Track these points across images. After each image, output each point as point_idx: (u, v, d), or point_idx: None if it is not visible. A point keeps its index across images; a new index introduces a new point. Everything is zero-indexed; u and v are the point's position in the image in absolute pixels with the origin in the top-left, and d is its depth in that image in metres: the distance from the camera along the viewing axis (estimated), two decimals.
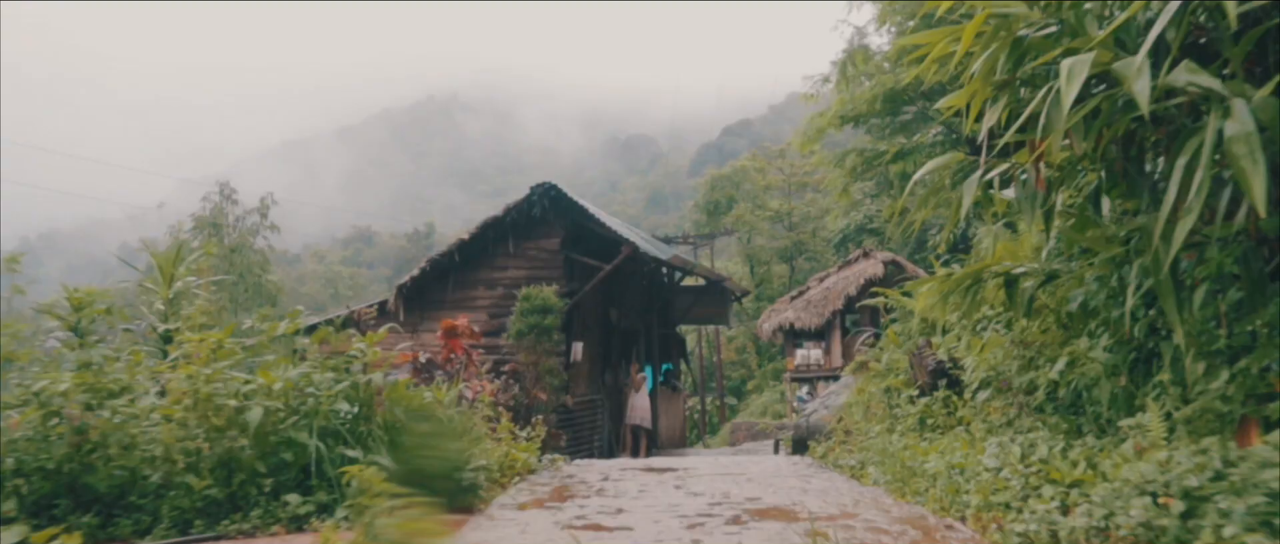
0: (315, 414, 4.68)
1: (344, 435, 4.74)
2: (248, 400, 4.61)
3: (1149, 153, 5.38)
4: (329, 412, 4.76)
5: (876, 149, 14.47)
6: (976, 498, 4.27)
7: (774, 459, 7.97)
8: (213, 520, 4.26)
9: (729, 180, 47.42)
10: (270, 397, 4.64)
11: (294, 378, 4.78)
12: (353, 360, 5.27)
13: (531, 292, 14.25)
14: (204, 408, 4.53)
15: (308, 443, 4.55)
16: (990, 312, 8.16)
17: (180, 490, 4.26)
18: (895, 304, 10.89)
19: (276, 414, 4.65)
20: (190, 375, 4.57)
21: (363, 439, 4.93)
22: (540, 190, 15.83)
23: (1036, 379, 5.85)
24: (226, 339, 4.96)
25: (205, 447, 4.44)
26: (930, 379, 7.50)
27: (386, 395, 5.22)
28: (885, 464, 5.81)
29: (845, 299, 27.74)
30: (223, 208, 24.29)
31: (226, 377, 4.66)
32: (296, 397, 4.75)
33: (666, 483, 5.92)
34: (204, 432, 4.50)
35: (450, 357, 12.15)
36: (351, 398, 5.02)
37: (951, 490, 4.67)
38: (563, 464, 7.48)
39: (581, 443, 16.24)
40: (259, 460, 4.51)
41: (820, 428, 12.51)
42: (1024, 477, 4.42)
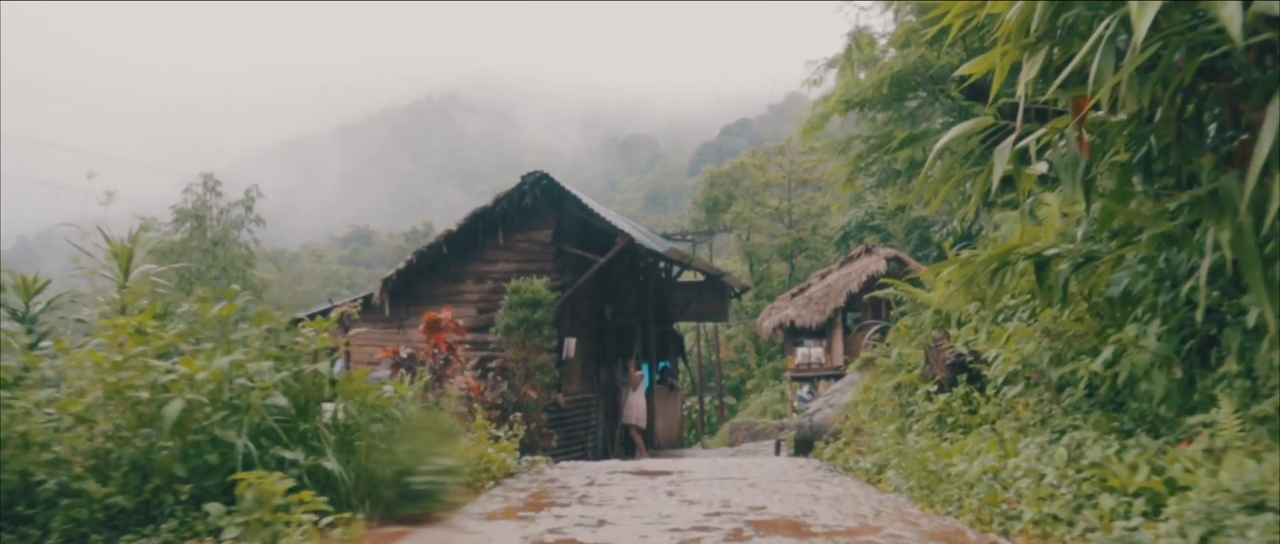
0: (247, 409, 4.01)
1: (280, 434, 4.07)
2: (166, 392, 3.94)
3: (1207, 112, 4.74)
4: (264, 407, 4.08)
5: (884, 134, 13.78)
6: (1029, 510, 3.60)
7: (777, 461, 7.29)
8: (115, 533, 3.59)
9: (728, 177, 46.77)
10: (194, 388, 3.96)
11: (224, 367, 4.11)
12: (299, 348, 4.60)
13: (520, 284, 13.57)
14: (114, 402, 3.87)
15: (236, 443, 3.88)
16: (1012, 300, 7.53)
17: (78, 499, 3.59)
18: (905, 296, 10.24)
19: (201, 409, 3.98)
20: (97, 363, 3.90)
21: (305, 439, 4.26)
22: (531, 179, 15.15)
23: (1076, 372, 5.19)
24: (149, 322, 4.29)
25: (112, 446, 3.77)
26: (949, 374, 6.84)
27: (338, 389, 4.55)
28: (906, 468, 5.13)
29: (847, 296, 27.11)
30: (206, 200, 23.53)
31: (143, 365, 3.98)
32: (227, 389, 4.08)
33: (658, 489, 5.25)
34: (113, 429, 3.83)
35: (434, 352, 11.49)
36: (293, 391, 4.35)
37: (991, 499, 4.00)
38: (545, 466, 6.80)
39: (574, 443, 15.56)
40: (178, 463, 3.84)
41: (824, 428, 11.88)
42: (1076, 484, 3.77)
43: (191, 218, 22.92)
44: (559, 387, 14.77)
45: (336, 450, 4.26)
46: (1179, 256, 4.86)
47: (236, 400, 4.10)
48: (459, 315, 15.27)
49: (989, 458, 4.60)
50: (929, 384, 6.90)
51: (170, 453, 3.87)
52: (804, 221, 45.85)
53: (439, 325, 11.48)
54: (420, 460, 4.78)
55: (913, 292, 10.00)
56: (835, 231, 41.37)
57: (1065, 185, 4.79)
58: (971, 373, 6.84)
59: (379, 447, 4.53)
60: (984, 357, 6.89)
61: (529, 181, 15.13)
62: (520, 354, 13.21)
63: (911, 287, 10.27)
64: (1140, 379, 4.79)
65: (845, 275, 27.84)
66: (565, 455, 15.11)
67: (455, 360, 11.58)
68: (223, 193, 23.56)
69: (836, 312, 27.41)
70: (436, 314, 11.56)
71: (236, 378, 4.11)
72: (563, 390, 15.02)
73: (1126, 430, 4.74)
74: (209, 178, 23.54)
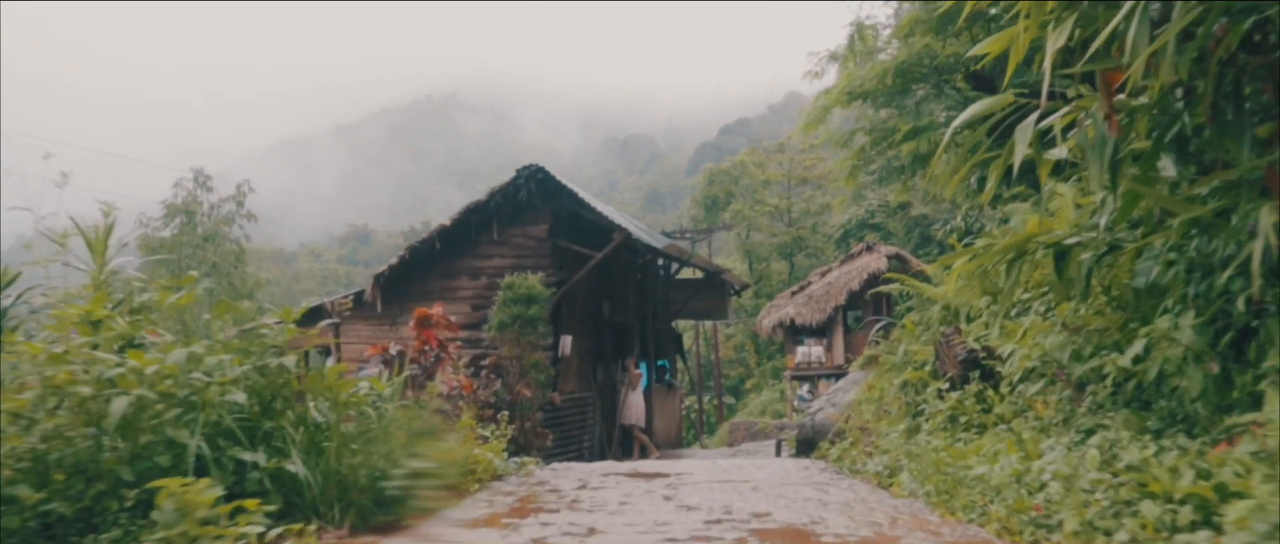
0: (202, 407, 3.66)
1: (238, 434, 3.72)
2: (115, 388, 3.59)
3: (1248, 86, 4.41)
4: (222, 404, 3.73)
5: (888, 126, 13.42)
6: (1070, 517, 3.25)
7: (780, 463, 6.93)
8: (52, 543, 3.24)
9: (727, 175, 46.43)
10: (144, 383, 3.61)
11: (179, 360, 3.76)
12: (265, 341, 4.25)
13: (515, 279, 13.20)
14: (54, 398, 3.51)
15: (188, 443, 3.52)
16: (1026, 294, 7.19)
17: (10, 506, 3.24)
18: (912, 291, 9.90)
19: (151, 406, 3.63)
20: (34, 355, 3.55)
21: (268, 439, 3.91)
22: (527, 173, 14.79)
23: (1101, 368, 4.85)
24: (100, 311, 3.94)
25: (51, 448, 3.42)
26: (961, 371, 6.49)
27: (306, 386, 4.20)
28: (921, 471, 4.78)
29: (848, 294, 26.80)
30: (196, 195, 23.09)
31: (88, 358, 3.63)
32: (182, 385, 3.72)
33: (655, 492, 4.89)
34: (53, 428, 3.48)
35: (424, 349, 11.14)
36: (256, 387, 4.00)
37: (1019, 506, 3.65)
38: (536, 468, 6.44)
39: (570, 443, 15.21)
40: (124, 466, 3.48)
41: (827, 427, 11.56)
42: (1112, 489, 3.42)
43: (181, 213, 22.48)
44: (555, 385, 14.41)
45: (303, 452, 3.91)
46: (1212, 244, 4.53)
47: (194, 397, 3.75)
48: (453, 312, 14.90)
49: (1010, 460, 4.26)
50: (940, 382, 6.55)
51: (117, 455, 3.52)
52: (804, 220, 45.51)
53: (430, 321, 11.13)
54: (398, 463, 4.43)
55: (919, 286, 9.66)
56: (835, 230, 41.04)
57: (1092, 168, 4.46)
58: (984, 370, 6.51)
59: (352, 448, 4.18)
60: (998, 353, 6.55)
61: (524, 175, 14.77)
62: (514, 352, 12.86)
63: (918, 281, 9.94)
64: (1172, 375, 4.45)
65: (846, 273, 27.52)
66: (561, 456, 14.75)
67: (447, 358, 11.23)
68: (214, 188, 23.17)
69: (837, 310, 27.08)
70: (427, 310, 11.21)
71: (192, 372, 3.75)
72: (558, 389, 14.67)
73: (1155, 430, 4.41)
74: (199, 173, 23.12)
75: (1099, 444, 3.89)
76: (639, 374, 16.98)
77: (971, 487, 4.16)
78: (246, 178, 24.77)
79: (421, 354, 11.12)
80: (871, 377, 11.34)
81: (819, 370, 27.97)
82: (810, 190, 46.57)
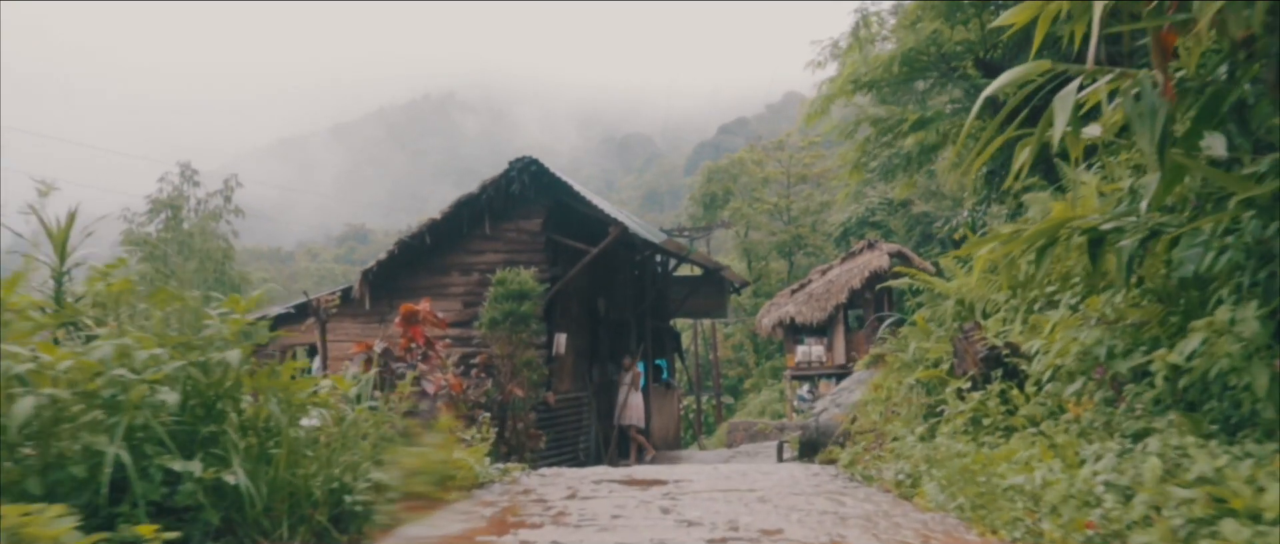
0: (125, 409, 3.16)
1: (166, 441, 3.21)
2: (26, 387, 3.09)
3: None
4: (152, 405, 3.23)
5: (894, 116, 12.94)
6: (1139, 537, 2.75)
7: (786, 469, 6.43)
8: None
9: (726, 172, 45.97)
10: (56, 382, 3.11)
11: (103, 356, 3.26)
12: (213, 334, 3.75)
13: (506, 274, 12.69)
14: None
15: (106, 451, 3.02)
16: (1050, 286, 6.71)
17: None
18: (923, 285, 9.42)
19: (66, 408, 3.13)
20: None
21: (208, 445, 3.41)
22: (519, 165, 14.28)
23: (1149, 365, 4.36)
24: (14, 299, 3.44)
25: None
26: (982, 369, 6.01)
27: (255, 384, 3.70)
28: (950, 480, 4.28)
29: (849, 293, 26.32)
30: (183, 190, 22.51)
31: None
32: (104, 383, 3.22)
33: (651, 503, 4.40)
34: None
35: (411, 346, 10.63)
36: (197, 387, 3.50)
37: (1077, 524, 3.16)
38: (521, 474, 5.94)
39: (564, 445, 14.70)
40: (32, 478, 2.99)
41: (831, 429, 11.10)
42: (1185, 504, 2.94)
43: (167, 208, 21.92)
44: (548, 385, 13.91)
45: (248, 460, 3.41)
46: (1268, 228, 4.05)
47: (120, 397, 3.25)
48: (443, 309, 14.39)
49: (1050, 468, 3.77)
50: (961, 381, 6.06)
51: (24, 466, 3.02)
52: (803, 218, 45.06)
53: (416, 318, 10.63)
54: (363, 472, 3.94)
55: (931, 281, 9.18)
56: (835, 228, 40.59)
57: (1141, 141, 3.97)
58: (1008, 368, 6.02)
59: (307, 455, 3.68)
60: (1022, 350, 6.06)
61: (517, 167, 14.27)
62: (506, 349, 12.35)
63: (929, 276, 9.46)
64: (1230, 372, 3.97)
65: (847, 271, 27.04)
66: (555, 458, 14.25)
67: (434, 356, 10.73)
68: (201, 183, 22.58)
69: (838, 308, 26.60)
70: (414, 305, 10.71)
71: (119, 369, 3.25)
72: (553, 389, 14.17)
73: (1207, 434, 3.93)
74: (186, 167, 22.55)
75: (1159, 451, 3.40)
76: (639, 373, 16.46)
77: (1010, 498, 3.67)
78: (243, 176, 24.37)
79: (408, 352, 10.62)
80: (878, 376, 10.86)
81: (819, 370, 27.49)
82: (809, 188, 46.11)
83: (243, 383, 3.66)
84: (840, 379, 26.56)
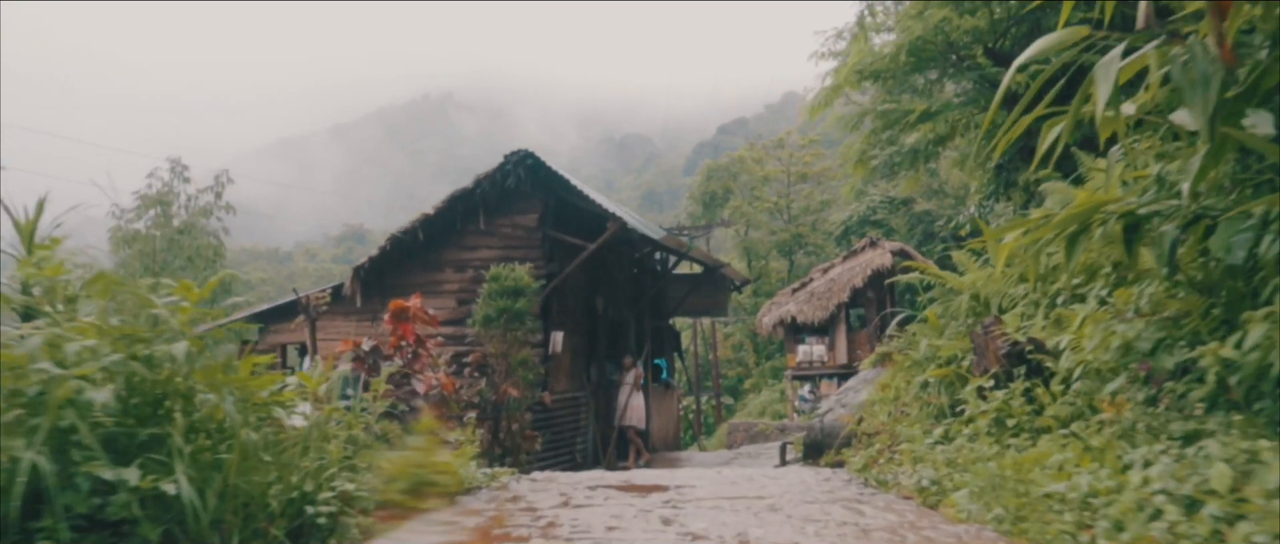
0: (47, 408, 2.76)
1: (93, 446, 2.81)
2: None
3: None
4: (80, 404, 2.83)
5: (901, 109, 12.54)
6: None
7: (795, 473, 6.03)
8: None
9: (726, 171, 45.59)
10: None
11: (33, 347, 2.87)
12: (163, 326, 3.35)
13: (501, 270, 12.29)
14: None
15: (21, 457, 2.63)
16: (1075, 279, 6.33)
17: None
18: (935, 281, 9.03)
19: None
20: None
21: (150, 449, 3.01)
22: (515, 159, 13.88)
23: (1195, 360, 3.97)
24: None
25: None
26: (1006, 365, 5.61)
27: (208, 380, 3.30)
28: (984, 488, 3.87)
29: (851, 291, 25.97)
30: (172, 186, 22.01)
31: None
32: (24, 378, 2.83)
33: (651, 513, 4.00)
34: None
35: (400, 344, 10.23)
36: (139, 384, 3.10)
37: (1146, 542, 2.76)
38: (511, 479, 5.54)
39: (561, 446, 14.31)
40: None
41: (837, 430, 10.72)
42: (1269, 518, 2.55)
43: (156, 204, 21.44)
44: (545, 385, 13.51)
45: (193, 467, 3.01)
46: None
47: (45, 395, 2.85)
48: (437, 306, 13.99)
49: (1094, 475, 3.38)
50: (983, 379, 5.66)
51: None
52: (803, 217, 44.68)
53: (406, 314, 10.22)
54: (329, 479, 3.54)
55: (943, 275, 8.79)
56: (836, 226, 40.23)
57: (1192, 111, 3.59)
58: (1032, 365, 5.63)
59: (266, 460, 3.28)
60: (1047, 346, 5.67)
61: (512, 161, 13.87)
62: (500, 348, 11.95)
63: (940, 270, 9.06)
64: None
65: (849, 270, 26.67)
66: (551, 460, 13.86)
67: (425, 354, 10.33)
68: (191, 179, 22.13)
69: (840, 307, 26.25)
70: (404, 302, 10.31)
71: (42, 363, 2.85)
72: (549, 389, 13.77)
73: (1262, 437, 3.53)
74: (176, 163, 22.08)
75: (1227, 456, 3.01)
76: (641, 373, 16.03)
77: (1054, 510, 3.28)
78: (242, 175, 23.92)
79: (397, 350, 10.22)
80: (885, 375, 10.49)
81: (821, 370, 27.14)
82: (810, 187, 45.74)
83: (195, 379, 3.26)
84: (842, 379, 26.24)
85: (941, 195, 37.03)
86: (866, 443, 9.67)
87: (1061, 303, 6.23)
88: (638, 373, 15.87)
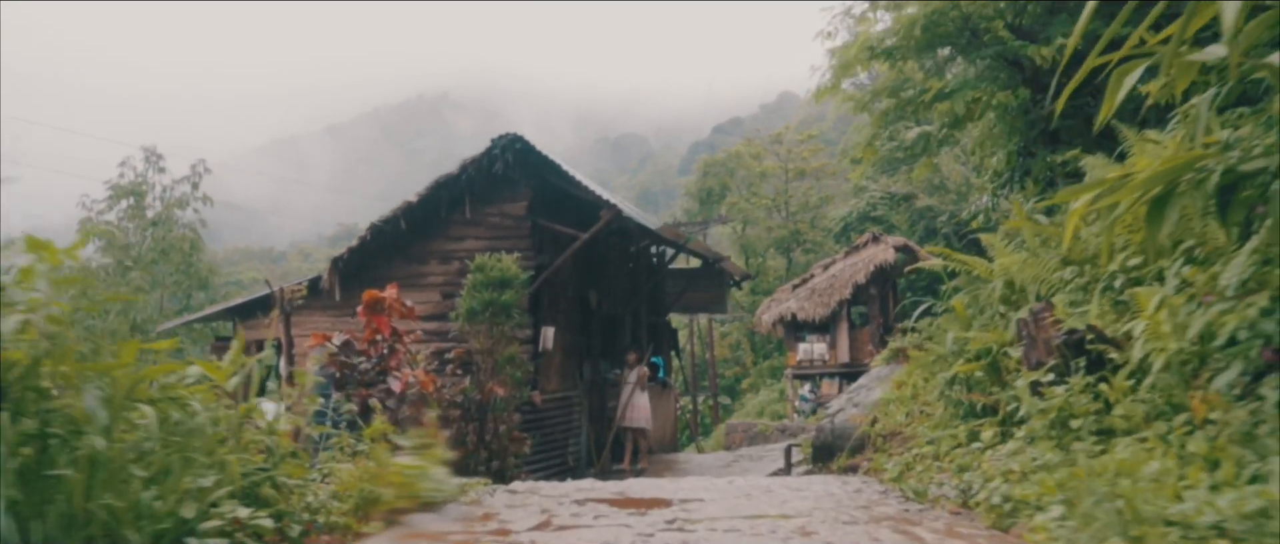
0: None
1: None
2: None
3: None
4: None
5: (917, 86, 11.73)
6: None
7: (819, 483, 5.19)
8: None
9: (722, 167, 44.79)
10: None
11: None
12: None
13: (486, 260, 11.44)
14: None
15: None
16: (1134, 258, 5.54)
17: None
18: (960, 268, 8.22)
19: None
20: None
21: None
22: (503, 143, 13.04)
23: None
24: None
25: None
26: (1066, 355, 4.81)
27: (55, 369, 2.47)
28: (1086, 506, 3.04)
29: (853, 288, 25.18)
30: (146, 176, 21.01)
31: None
32: None
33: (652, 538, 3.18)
34: None
35: (375, 338, 9.40)
36: None
37: None
38: (485, 491, 4.70)
39: (552, 450, 13.49)
40: None
41: (848, 431, 9.92)
42: None
43: (129, 195, 20.44)
44: (534, 383, 12.69)
45: (20, 486, 2.18)
46: None
47: None
48: (421, 300, 13.14)
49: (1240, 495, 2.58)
50: (1039, 373, 4.85)
51: None
52: (801, 214, 43.88)
53: (381, 306, 9.39)
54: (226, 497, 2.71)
55: (969, 261, 7.98)
56: (835, 223, 39.46)
57: None
58: (1093, 357, 4.82)
59: (135, 475, 2.45)
60: (1109, 334, 4.86)
61: (500, 145, 13.03)
62: (485, 343, 11.11)
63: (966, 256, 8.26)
64: None
65: (851, 265, 25.88)
66: (542, 463, 13.04)
67: (402, 349, 9.50)
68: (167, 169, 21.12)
69: (841, 304, 25.46)
70: (378, 293, 9.48)
71: None
72: (539, 388, 12.94)
73: None
74: (150, 151, 21.06)
75: None
76: (644, 371, 15.14)
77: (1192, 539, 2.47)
78: (238, 176, 23.15)
79: (371, 345, 9.39)
80: (900, 372, 9.70)
81: (822, 369, 26.36)
82: (808, 183, 44.99)
83: (40, 367, 2.43)
84: (843, 378, 25.48)
85: (943, 191, 36.27)
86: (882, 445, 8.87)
87: (1120, 286, 5.43)
88: (641, 371, 14.99)
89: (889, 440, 8.63)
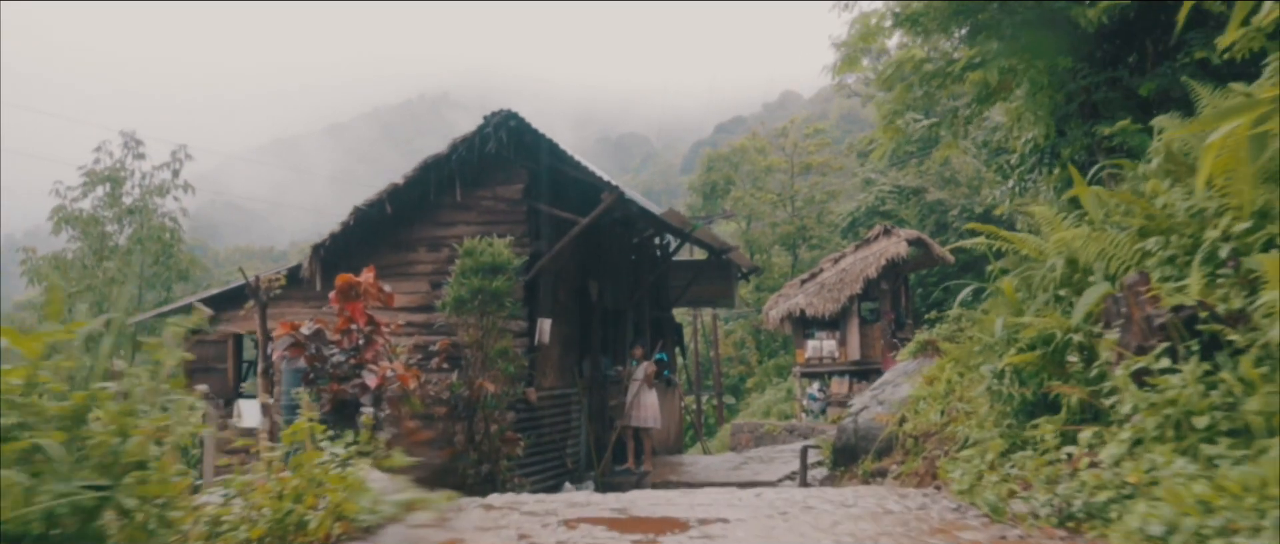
0: None
1: None
2: None
3: None
4: None
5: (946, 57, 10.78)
6: None
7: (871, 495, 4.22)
8: None
9: (727, 161, 43.88)
10: None
11: None
12: None
13: (475, 244, 10.48)
14: None
15: None
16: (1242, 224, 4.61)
17: None
18: (1006, 245, 7.27)
19: None
20: None
21: None
22: (496, 120, 12.08)
23: None
24: None
25: None
26: (1175, 337, 3.87)
27: None
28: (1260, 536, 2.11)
29: (864, 282, 24.22)
30: (124, 163, 19.99)
31: None
32: None
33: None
34: None
35: (349, 328, 8.48)
36: None
37: None
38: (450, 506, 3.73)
39: (548, 450, 12.54)
40: None
41: (873, 431, 9.02)
42: None
43: (105, 182, 19.42)
44: (530, 379, 11.74)
45: None
46: None
47: None
48: (409, 290, 12.21)
49: None
50: (1147, 359, 3.90)
51: None
52: (807, 209, 42.93)
53: (355, 292, 8.48)
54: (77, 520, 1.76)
55: (1019, 238, 7.03)
56: (842, 218, 38.53)
57: None
58: (1207, 339, 3.89)
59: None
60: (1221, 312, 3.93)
61: (493, 123, 12.08)
62: (475, 335, 10.17)
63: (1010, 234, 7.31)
64: None
65: (862, 259, 24.92)
66: (538, 466, 12.10)
67: (380, 339, 8.58)
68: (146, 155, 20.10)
69: (852, 300, 24.49)
70: (353, 276, 8.56)
71: None
72: (535, 384, 12.00)
73: None
74: (129, 136, 20.04)
75: None
76: (651, 367, 14.16)
77: None
78: (238, 176, 22.21)
79: (345, 335, 8.47)
80: (931, 366, 8.78)
81: (831, 367, 25.40)
82: (814, 178, 44.08)
83: None
84: (853, 376, 24.56)
85: (954, 184, 35.33)
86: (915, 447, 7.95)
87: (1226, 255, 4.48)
88: (649, 367, 13.99)
89: (923, 442, 7.72)
